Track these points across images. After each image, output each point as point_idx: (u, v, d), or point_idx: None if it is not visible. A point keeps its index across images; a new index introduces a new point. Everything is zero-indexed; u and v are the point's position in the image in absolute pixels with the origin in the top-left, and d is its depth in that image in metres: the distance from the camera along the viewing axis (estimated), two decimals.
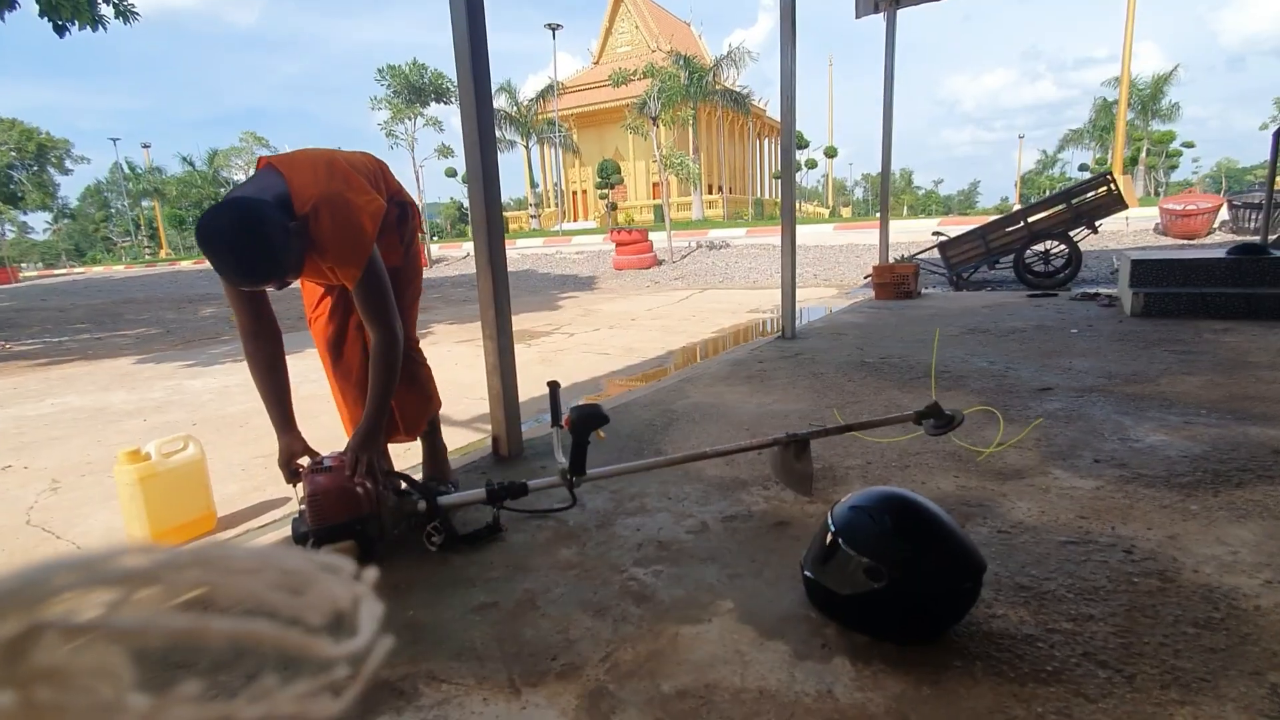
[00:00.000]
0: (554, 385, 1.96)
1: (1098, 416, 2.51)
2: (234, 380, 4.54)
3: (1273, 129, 5.61)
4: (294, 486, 1.68)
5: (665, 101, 17.37)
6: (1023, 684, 1.11)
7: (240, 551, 0.23)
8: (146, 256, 40.56)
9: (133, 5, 8.64)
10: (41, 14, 8.11)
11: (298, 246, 1.47)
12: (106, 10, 8.46)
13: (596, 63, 35.77)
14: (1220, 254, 4.98)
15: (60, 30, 8.25)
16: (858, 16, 6.79)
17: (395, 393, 1.90)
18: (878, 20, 6.71)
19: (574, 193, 35.84)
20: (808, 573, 1.33)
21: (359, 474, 1.60)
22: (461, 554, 1.70)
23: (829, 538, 1.29)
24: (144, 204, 44.83)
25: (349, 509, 1.58)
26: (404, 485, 1.75)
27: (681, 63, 19.71)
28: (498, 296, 2.33)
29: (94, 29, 8.40)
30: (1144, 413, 2.52)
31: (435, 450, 2.15)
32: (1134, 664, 1.15)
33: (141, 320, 9.45)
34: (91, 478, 2.65)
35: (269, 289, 1.56)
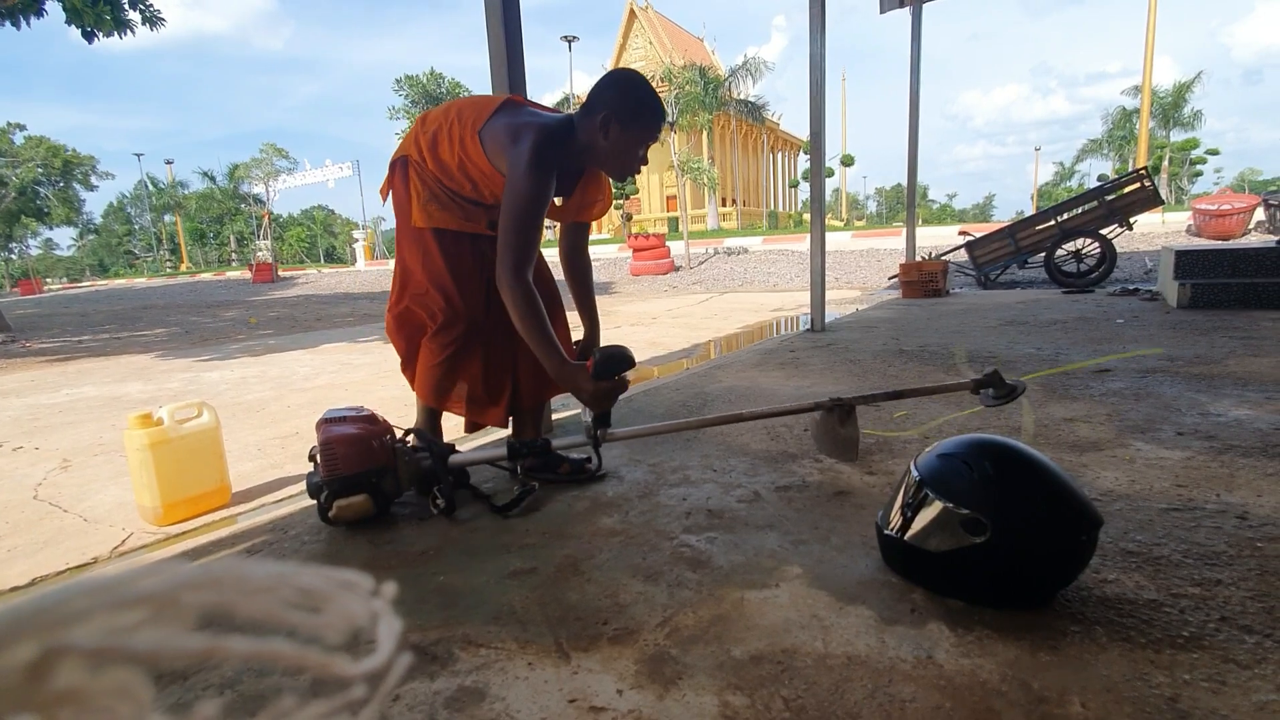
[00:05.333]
0: (579, 344, 1.86)
1: (1168, 394, 2.33)
2: (251, 372, 4.45)
3: None
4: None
5: (683, 107, 17.32)
6: (1158, 650, 0.95)
7: (257, 569, 0.23)
8: (167, 269, 41.09)
9: (159, 11, 8.74)
10: (68, 21, 8.23)
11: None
12: (134, 16, 8.56)
13: None
14: (1272, 243, 4.78)
15: (88, 36, 8.35)
16: (882, 11, 6.68)
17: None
18: (888, 32, 6.65)
19: None
20: (887, 531, 1.18)
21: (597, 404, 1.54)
22: (492, 521, 1.56)
23: (914, 489, 1.14)
24: (166, 219, 45.57)
25: (363, 460, 1.46)
26: (412, 441, 1.63)
27: (697, 72, 19.70)
28: None
29: (120, 35, 8.50)
30: (1219, 390, 2.34)
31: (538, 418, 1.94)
32: None
33: (161, 322, 9.47)
34: (103, 457, 2.55)
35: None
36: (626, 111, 1.50)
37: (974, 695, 0.88)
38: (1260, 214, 10.70)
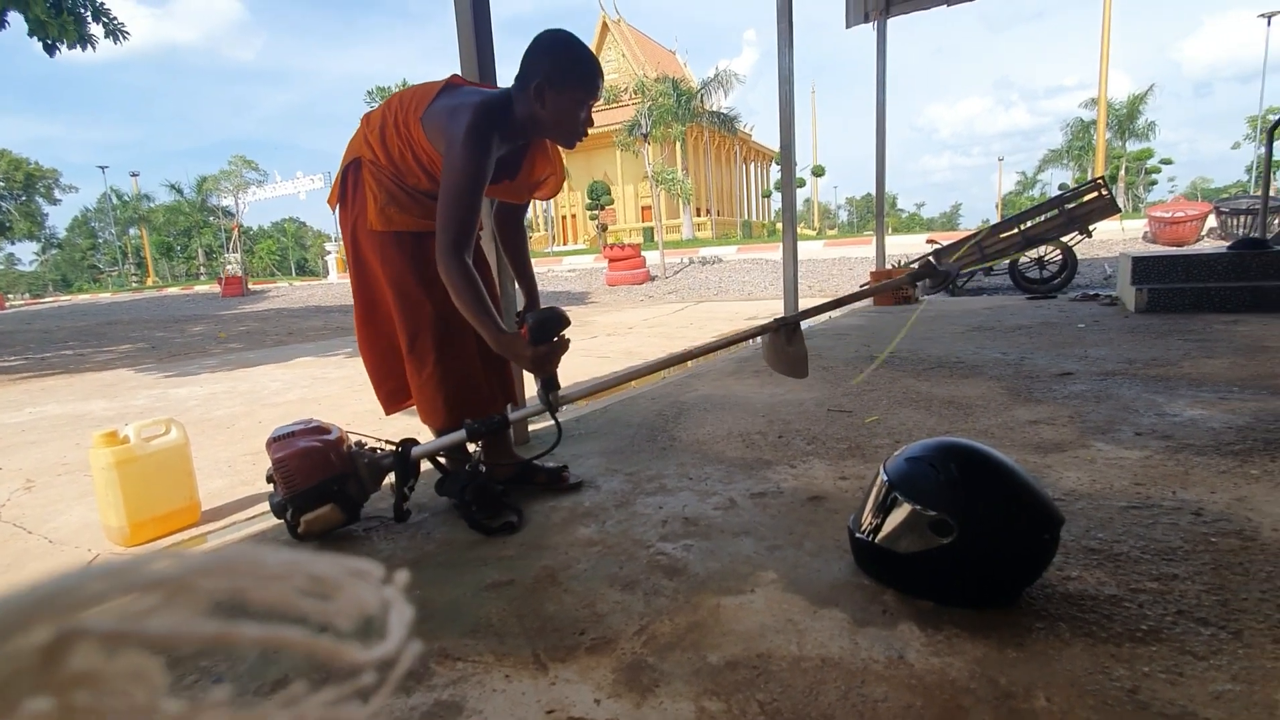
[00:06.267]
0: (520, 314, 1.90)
1: (1127, 395, 2.41)
2: (221, 387, 4.37)
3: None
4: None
5: (656, 119, 17.49)
6: (1119, 644, 0.99)
7: (270, 556, 0.23)
8: (133, 284, 40.10)
9: (122, 25, 8.59)
10: (30, 33, 8.05)
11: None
12: (96, 30, 8.41)
13: None
14: (1223, 249, 4.97)
15: (50, 50, 8.17)
16: (848, 26, 6.84)
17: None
18: (857, 45, 6.82)
19: (563, 217, 35.93)
20: (859, 534, 1.21)
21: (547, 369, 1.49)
22: (469, 534, 1.56)
23: (884, 492, 1.16)
24: (131, 232, 44.54)
25: (319, 470, 1.45)
26: (371, 443, 1.62)
27: (670, 85, 19.93)
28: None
29: (83, 48, 8.33)
30: (1175, 391, 2.43)
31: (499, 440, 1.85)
32: (1237, 620, 1.03)
33: (127, 338, 9.24)
34: (67, 477, 2.48)
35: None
36: (558, 74, 1.46)
37: (944, 693, 0.91)
38: (1212, 221, 11.11)
